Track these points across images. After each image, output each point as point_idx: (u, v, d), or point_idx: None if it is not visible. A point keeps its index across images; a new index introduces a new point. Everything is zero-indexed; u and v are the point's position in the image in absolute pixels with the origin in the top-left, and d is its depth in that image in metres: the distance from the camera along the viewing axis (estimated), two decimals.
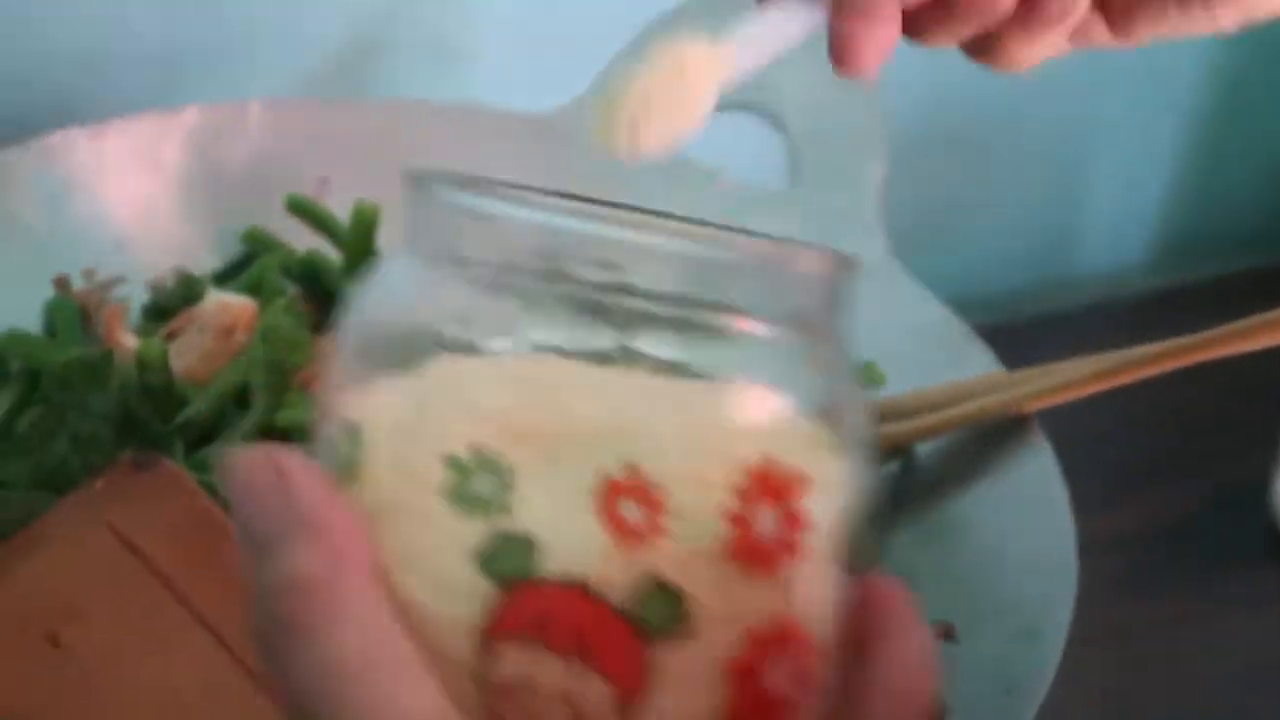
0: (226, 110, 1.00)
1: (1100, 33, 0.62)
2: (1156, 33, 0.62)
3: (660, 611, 0.35)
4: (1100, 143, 1.54)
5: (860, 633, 0.39)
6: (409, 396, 0.37)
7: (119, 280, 0.94)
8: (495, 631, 0.35)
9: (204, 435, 0.81)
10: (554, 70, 1.11)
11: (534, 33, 1.20)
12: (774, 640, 0.36)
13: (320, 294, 0.94)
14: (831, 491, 0.38)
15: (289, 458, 0.36)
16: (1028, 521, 0.83)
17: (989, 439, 0.88)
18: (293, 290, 0.94)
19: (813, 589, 0.37)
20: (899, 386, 0.91)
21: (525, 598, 0.35)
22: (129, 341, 0.87)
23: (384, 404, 0.37)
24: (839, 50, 0.58)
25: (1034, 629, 0.77)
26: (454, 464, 0.35)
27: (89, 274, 0.93)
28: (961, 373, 0.91)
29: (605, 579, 0.35)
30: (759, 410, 0.37)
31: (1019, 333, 1.37)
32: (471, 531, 0.35)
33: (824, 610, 0.38)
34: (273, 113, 1.01)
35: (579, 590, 0.34)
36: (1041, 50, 0.60)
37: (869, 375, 0.89)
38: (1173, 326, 1.25)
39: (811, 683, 0.38)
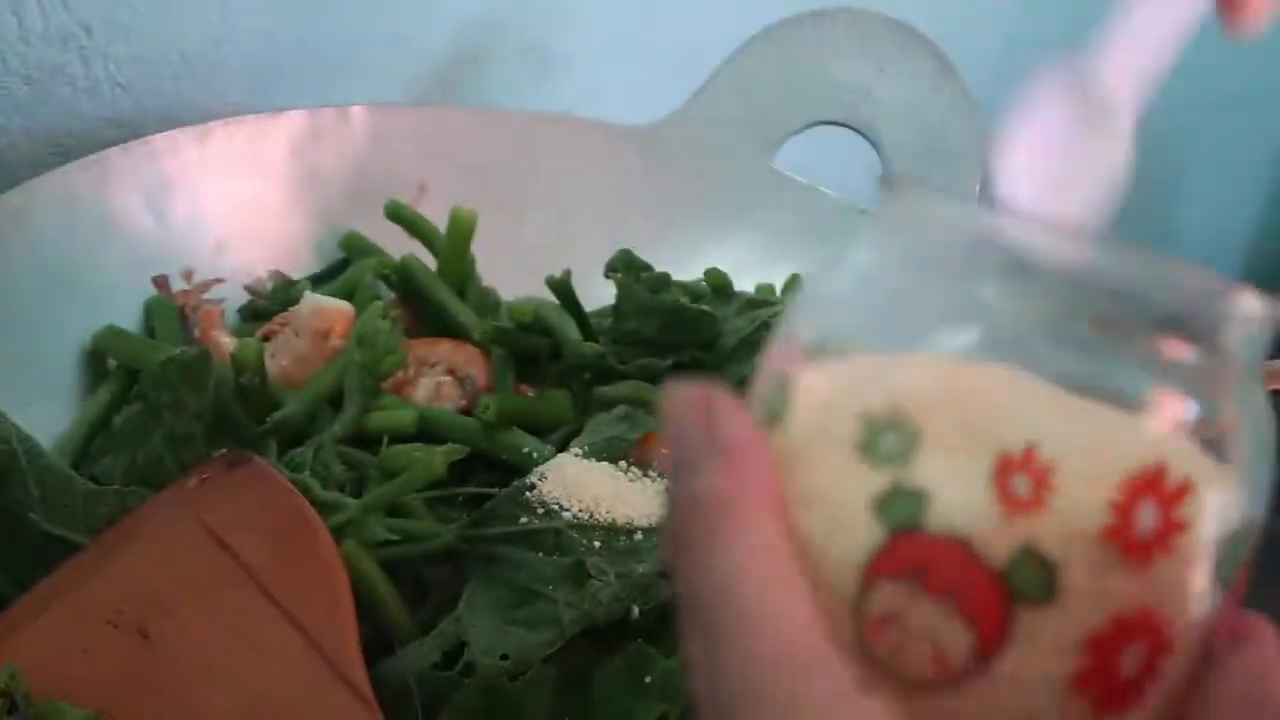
0: (328, 115, 1.01)
1: None
2: None
3: (1032, 578, 0.38)
4: (1194, 162, 1.53)
5: (1218, 647, 0.41)
6: (841, 365, 0.41)
7: (217, 281, 0.95)
8: (878, 570, 0.38)
9: (296, 436, 0.82)
10: (648, 83, 1.12)
11: (629, 46, 1.21)
12: (1134, 627, 0.39)
13: (414, 299, 0.94)
14: (1215, 507, 0.40)
15: (722, 395, 0.40)
16: None
17: None
18: (388, 296, 0.95)
19: (1179, 590, 0.39)
20: None
21: (910, 545, 0.38)
22: (225, 342, 0.88)
23: (817, 369, 0.41)
24: (1230, 7, 0.54)
25: None
26: (868, 420, 0.39)
27: (188, 275, 0.94)
28: None
29: (986, 540, 0.38)
30: (1165, 417, 0.40)
31: None
32: (873, 480, 0.39)
33: (1187, 613, 0.40)
34: (374, 118, 1.02)
35: (960, 545, 0.38)
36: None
37: None
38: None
39: (1160, 676, 0.40)
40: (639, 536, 0.74)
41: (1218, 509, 0.40)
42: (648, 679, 0.71)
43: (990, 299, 0.40)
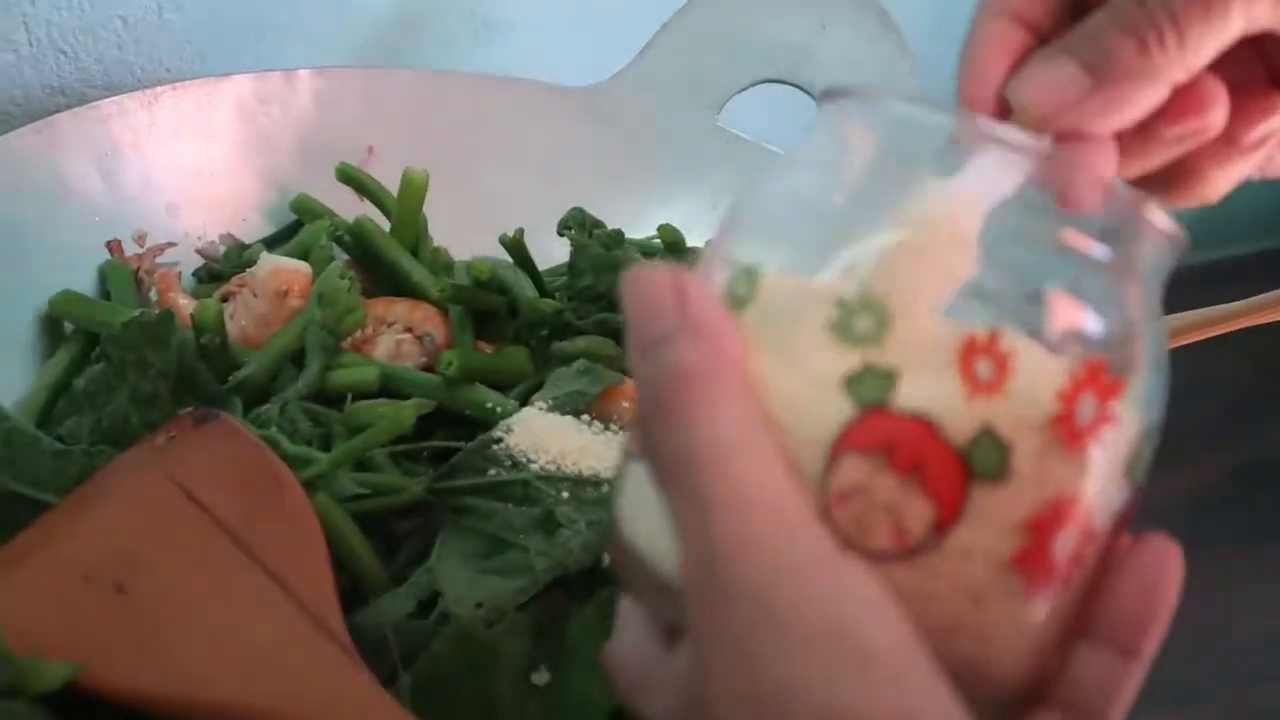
0: (275, 79, 1.01)
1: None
2: None
3: (988, 457, 0.40)
4: None
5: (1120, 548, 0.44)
6: (810, 248, 0.43)
7: (169, 245, 0.95)
8: (844, 444, 0.40)
9: (260, 395, 0.82)
10: (588, 46, 1.13)
11: (569, 9, 1.22)
12: (1068, 512, 0.41)
13: (368, 260, 0.95)
14: (1139, 403, 0.43)
15: (690, 276, 0.42)
16: None
17: None
18: (341, 257, 0.95)
19: (1105, 481, 0.42)
20: None
21: (877, 421, 0.40)
22: (184, 304, 0.89)
23: (783, 252, 0.43)
24: (1063, 196, 0.55)
25: None
26: (842, 302, 0.41)
27: (140, 238, 0.94)
28: None
29: (949, 420, 0.40)
30: (1106, 313, 0.42)
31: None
32: (845, 359, 0.41)
33: (1109, 504, 0.43)
34: (320, 81, 1.02)
35: (925, 424, 0.40)
36: (1234, 177, 0.58)
37: None
38: (1202, 305, 1.26)
39: (1082, 564, 0.42)
40: (606, 488, 0.75)
41: (1140, 405, 0.43)
42: None
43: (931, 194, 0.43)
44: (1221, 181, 0.57)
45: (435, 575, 0.73)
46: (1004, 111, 0.49)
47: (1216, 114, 0.53)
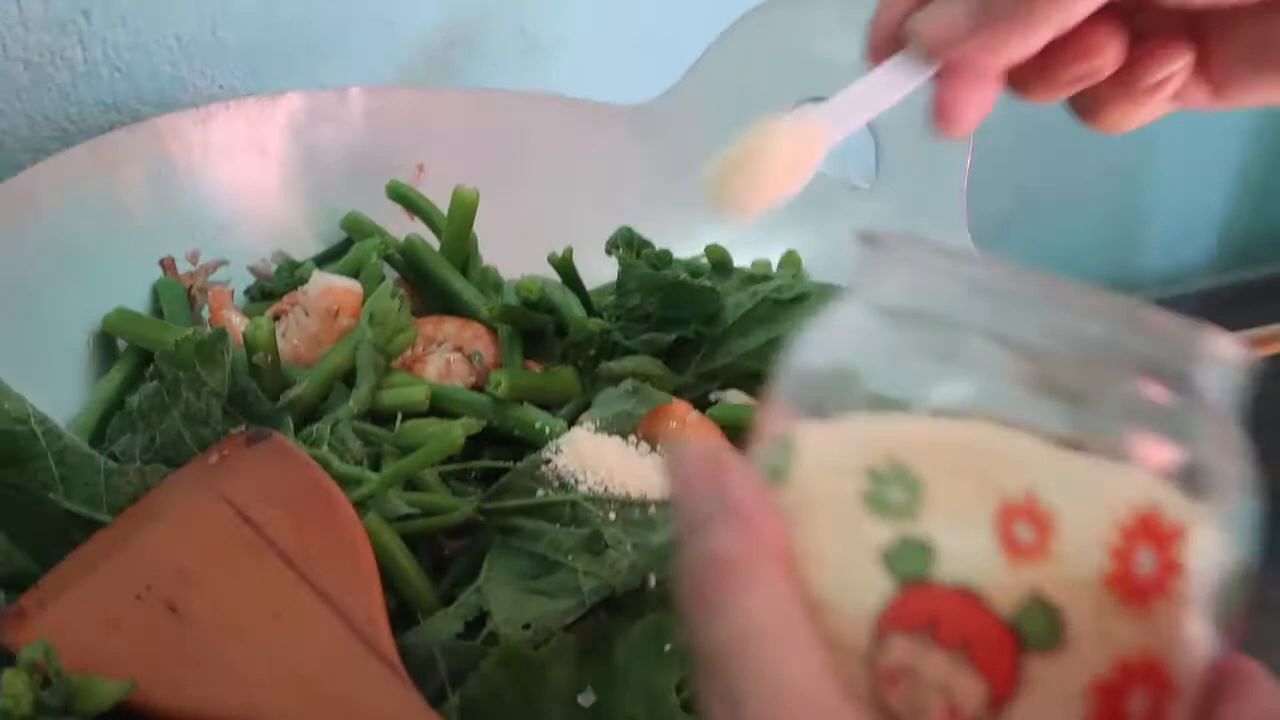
0: (327, 97, 1.02)
1: (1199, 96, 0.64)
2: (1254, 100, 0.63)
3: (1039, 625, 0.38)
4: (1165, 142, 1.54)
5: (1216, 690, 0.41)
6: (841, 423, 0.42)
7: (222, 263, 0.96)
8: (889, 622, 0.39)
9: (310, 414, 0.83)
10: (635, 65, 1.13)
11: (617, 27, 1.22)
12: (1139, 671, 0.39)
13: (418, 279, 0.96)
14: (1209, 549, 0.40)
15: (727, 455, 0.42)
16: None
17: None
18: (392, 275, 0.96)
19: (1180, 633, 0.40)
20: None
21: (919, 597, 0.39)
22: (236, 322, 0.89)
23: (817, 427, 0.42)
24: (942, 113, 0.61)
25: None
26: (873, 474, 0.40)
27: (193, 256, 0.95)
28: None
29: (993, 590, 0.38)
30: (1155, 461, 0.40)
31: None
32: (880, 533, 0.39)
33: (1188, 655, 0.40)
34: (371, 99, 1.03)
35: (969, 596, 0.38)
36: (1140, 114, 0.63)
37: None
38: (1235, 325, 1.26)
39: (1165, 718, 0.40)
40: (653, 510, 0.76)
41: (1210, 550, 0.40)
42: (667, 647, 0.71)
43: (977, 350, 0.41)
44: (1126, 117, 0.63)
45: (483, 596, 0.74)
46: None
47: (1104, 60, 0.59)
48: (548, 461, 0.77)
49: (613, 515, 0.75)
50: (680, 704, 0.72)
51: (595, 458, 0.77)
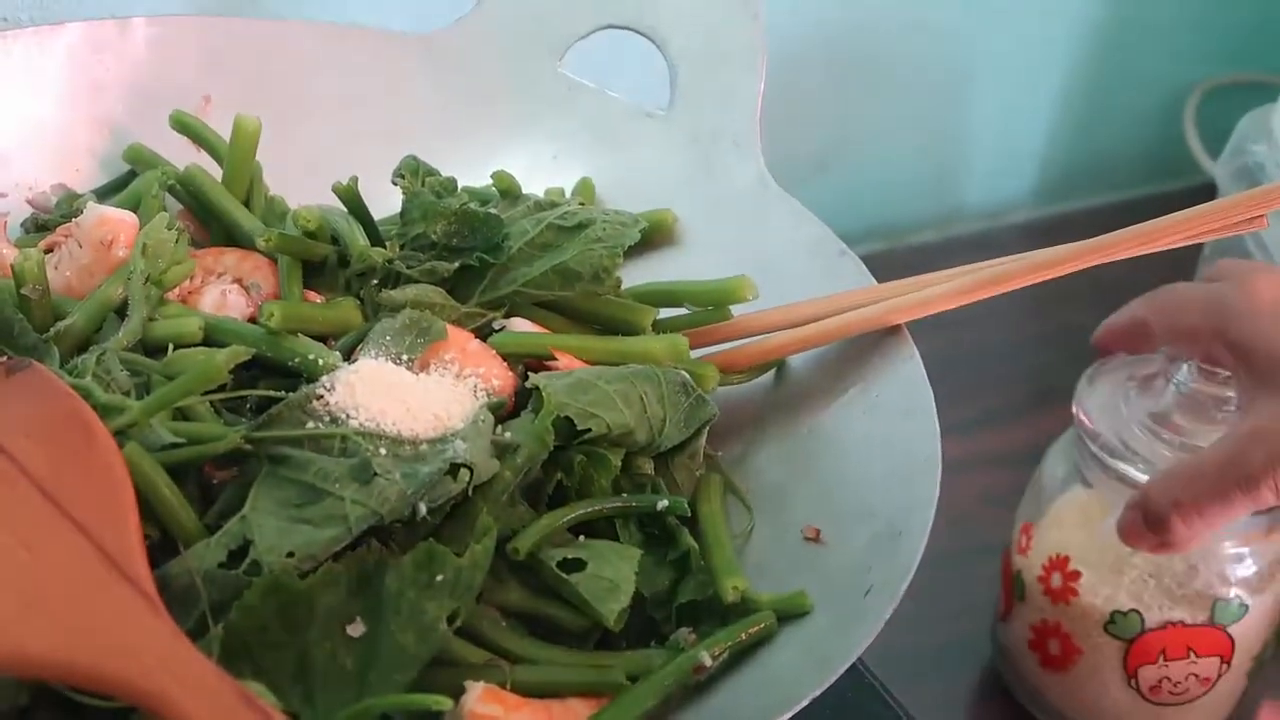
0: (108, 27, 0.99)
1: None
2: None
3: None
4: (985, 77, 1.55)
5: None
6: None
7: (1, 195, 0.94)
8: None
9: (82, 346, 0.81)
10: None
11: None
12: None
13: (200, 211, 0.94)
14: None
15: None
16: (896, 428, 0.85)
17: (861, 349, 0.89)
18: (176, 209, 0.95)
19: None
20: (775, 301, 0.92)
21: None
22: (5, 253, 0.87)
23: None
24: None
25: (896, 531, 0.79)
26: None
27: None
28: (836, 287, 0.92)
29: None
30: None
31: (904, 262, 1.39)
32: None
33: None
34: (155, 29, 1.01)
35: None
36: None
37: (741, 290, 0.91)
38: None
39: None
40: (424, 446, 0.75)
41: None
42: (439, 577, 0.71)
43: None
44: None
45: (247, 524, 0.72)
46: None
47: None
48: (320, 396, 0.77)
49: (383, 450, 0.74)
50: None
51: (368, 395, 0.76)
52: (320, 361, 0.82)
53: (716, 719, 0.74)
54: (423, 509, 0.74)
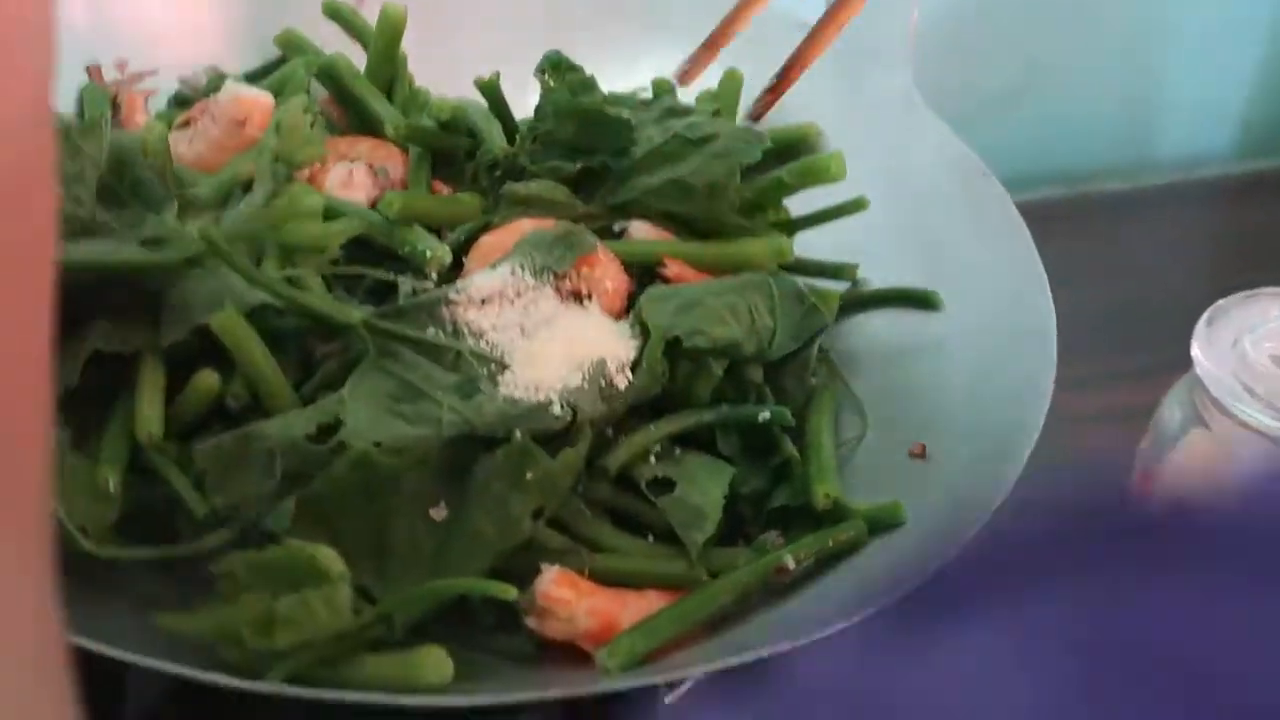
0: None
1: None
2: None
3: None
4: (1190, 22, 1.51)
5: None
6: None
7: (150, 73, 0.96)
8: None
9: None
10: None
11: None
12: None
13: (342, 98, 0.95)
14: None
15: None
16: (1013, 352, 0.83)
17: (993, 269, 0.88)
18: (322, 95, 0.95)
19: None
20: (912, 218, 0.92)
21: None
22: (141, 122, 0.89)
23: None
24: None
25: (1000, 452, 0.77)
26: None
27: (121, 65, 0.95)
28: (975, 208, 0.91)
29: None
30: None
31: (1089, 209, 1.36)
32: None
33: None
34: None
35: None
36: None
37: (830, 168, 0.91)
38: (1250, 213, 1.22)
39: None
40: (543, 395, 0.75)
41: None
42: (529, 474, 0.71)
43: None
44: None
45: (342, 404, 0.73)
46: None
47: None
48: (451, 302, 0.77)
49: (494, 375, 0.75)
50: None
51: (496, 317, 0.77)
52: (429, 253, 0.82)
53: (791, 620, 0.73)
54: (518, 434, 0.73)
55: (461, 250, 0.84)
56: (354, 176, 0.88)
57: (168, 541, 0.73)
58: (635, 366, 0.78)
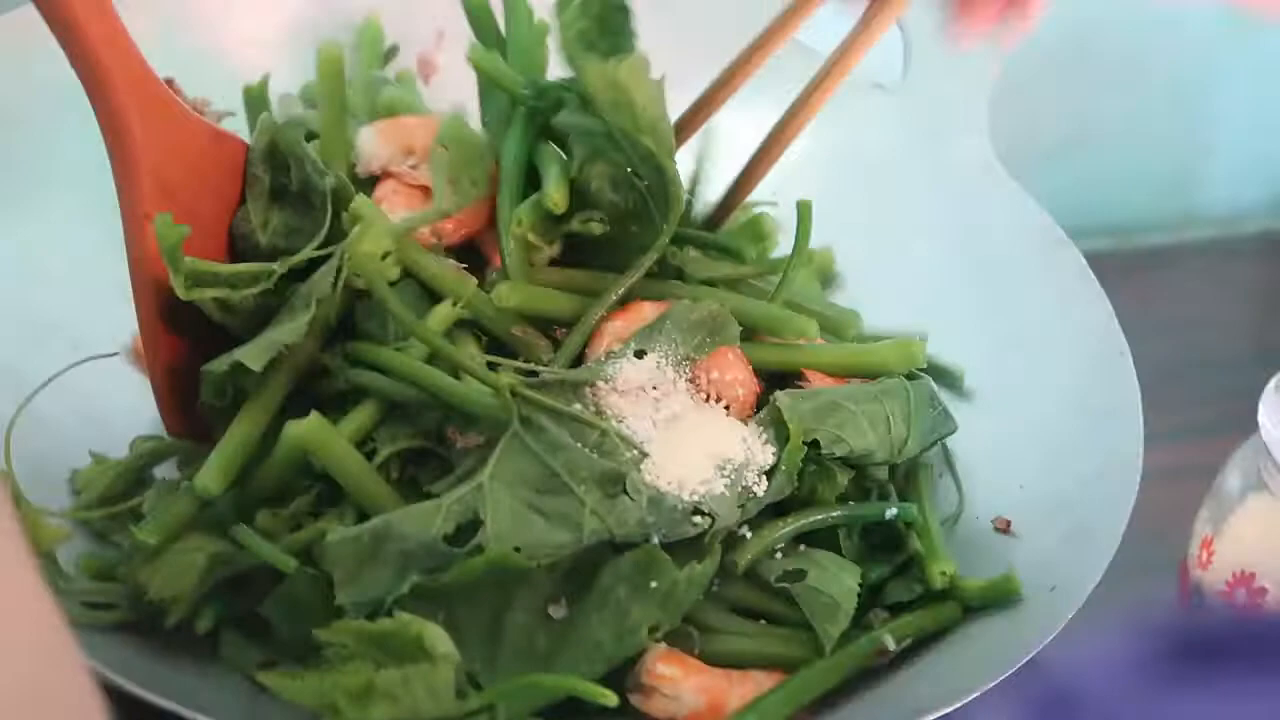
0: None
1: None
2: None
3: None
4: (1236, 82, 1.51)
5: None
6: None
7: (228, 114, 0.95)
8: None
9: None
10: None
11: None
12: None
13: None
14: None
15: None
16: (1100, 427, 0.83)
17: (1073, 346, 0.88)
18: None
19: None
20: (991, 289, 0.92)
21: None
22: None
23: None
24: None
25: (1089, 529, 0.77)
26: None
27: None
28: (1052, 278, 0.91)
29: None
30: None
31: (1132, 262, 1.36)
32: None
33: None
34: None
35: None
36: None
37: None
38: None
39: None
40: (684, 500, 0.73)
41: None
42: (654, 584, 0.70)
43: None
44: None
45: (482, 495, 0.71)
46: None
47: None
48: (596, 385, 0.75)
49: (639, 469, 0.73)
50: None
51: (640, 408, 0.75)
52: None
53: (889, 703, 0.73)
54: (655, 538, 0.72)
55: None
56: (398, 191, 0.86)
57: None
58: (771, 470, 0.77)
